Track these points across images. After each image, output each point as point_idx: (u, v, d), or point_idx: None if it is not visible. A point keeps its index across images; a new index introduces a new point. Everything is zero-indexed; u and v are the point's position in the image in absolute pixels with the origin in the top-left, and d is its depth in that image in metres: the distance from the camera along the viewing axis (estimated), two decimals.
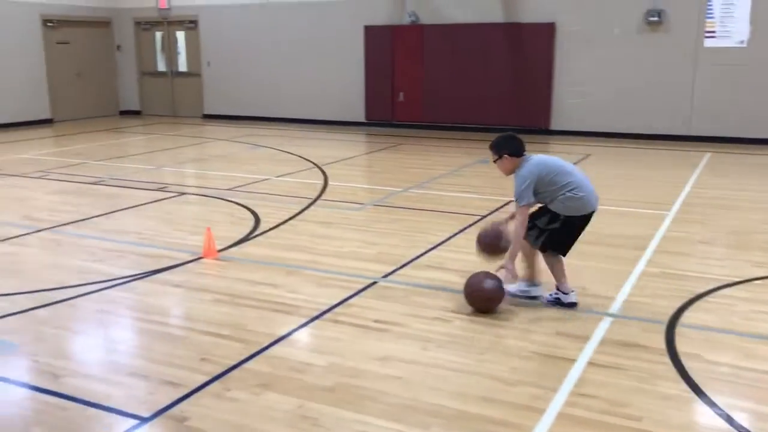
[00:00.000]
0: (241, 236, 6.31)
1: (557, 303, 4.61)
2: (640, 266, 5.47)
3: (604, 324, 4.34)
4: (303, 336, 4.23)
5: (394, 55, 14.45)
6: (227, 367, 3.75)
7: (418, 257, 5.70)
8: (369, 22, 14.51)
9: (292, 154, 11.24)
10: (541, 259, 4.72)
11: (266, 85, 15.82)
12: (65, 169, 9.85)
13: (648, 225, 6.69)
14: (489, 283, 4.45)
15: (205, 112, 16.68)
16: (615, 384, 3.57)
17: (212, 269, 5.44)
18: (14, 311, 4.57)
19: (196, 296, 4.85)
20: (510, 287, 4.60)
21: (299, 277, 5.24)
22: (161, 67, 17.31)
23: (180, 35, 16.88)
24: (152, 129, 15.08)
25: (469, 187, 8.62)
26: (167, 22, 16.83)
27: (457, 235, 6.37)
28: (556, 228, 4.46)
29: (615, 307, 4.64)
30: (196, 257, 5.69)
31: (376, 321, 4.38)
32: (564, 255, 4.63)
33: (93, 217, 7.07)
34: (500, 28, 13.47)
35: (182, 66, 17.06)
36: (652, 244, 6.06)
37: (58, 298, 4.81)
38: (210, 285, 5.07)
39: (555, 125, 13.46)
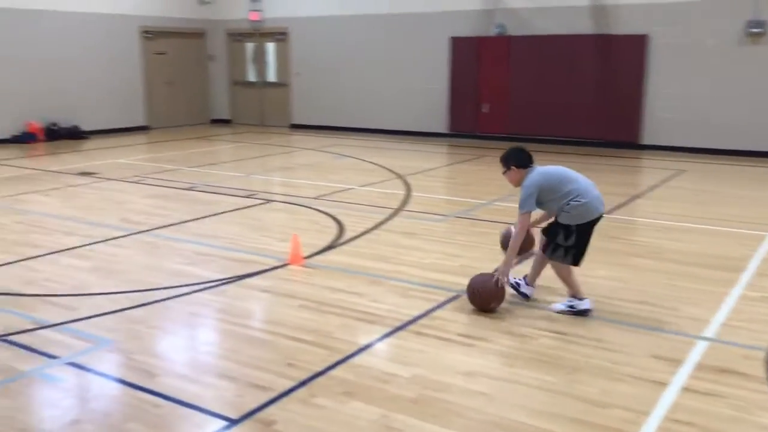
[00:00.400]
0: (325, 244, 6.40)
1: (572, 311, 4.66)
2: (738, 289, 5.22)
3: (700, 348, 4.16)
4: (387, 346, 4.25)
5: (479, 66, 14.39)
6: (312, 373, 3.80)
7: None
8: (455, 33, 14.51)
9: (375, 164, 11.34)
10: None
11: (352, 95, 16.05)
12: (160, 175, 10.28)
13: (746, 245, 6.38)
14: (489, 284, 4.66)
15: (293, 122, 17.07)
16: (711, 412, 3.41)
17: (298, 276, 5.54)
18: (113, 310, 4.79)
19: (282, 301, 4.95)
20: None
21: (382, 286, 5.27)
22: (251, 77, 17.84)
23: (270, 46, 17.36)
24: (241, 137, 15.54)
25: None
26: (258, 34, 17.34)
27: None
28: (576, 241, 4.60)
29: (711, 330, 4.44)
30: (282, 263, 5.81)
31: (460, 335, 4.35)
32: (578, 266, 4.71)
33: (186, 222, 7.34)
34: (589, 39, 13.20)
35: (272, 76, 17.54)
36: (751, 266, 5.78)
37: (153, 299, 5.01)
38: (296, 291, 5.16)
39: (646, 140, 13.05)
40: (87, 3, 14.91)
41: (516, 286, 4.94)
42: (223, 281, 5.39)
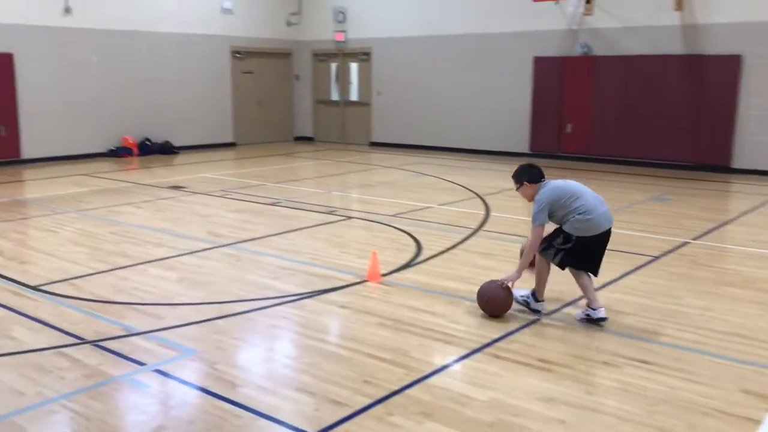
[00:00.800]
0: (403, 262, 6.43)
1: (588, 320, 4.85)
2: None
3: None
4: (463, 368, 4.22)
5: (563, 86, 14.19)
6: (389, 392, 3.81)
7: (583, 296, 5.49)
8: (539, 53, 14.38)
9: (454, 183, 11.32)
10: (551, 279, 5.07)
11: (432, 114, 16.11)
12: (245, 190, 10.59)
13: None
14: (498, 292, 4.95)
15: (373, 140, 17.27)
16: None
17: (376, 293, 5.59)
18: (198, 320, 4.96)
19: (360, 318, 5.00)
20: (517, 292, 5.06)
21: (460, 307, 5.24)
22: (334, 96, 18.20)
23: (353, 66, 17.67)
24: (323, 155, 15.84)
25: (640, 225, 8.21)
26: (342, 54, 17.69)
27: (627, 276, 6.08)
28: (570, 248, 4.86)
29: None
30: (361, 280, 5.87)
31: (539, 359, 4.27)
32: (594, 274, 4.97)
33: (269, 236, 7.53)
34: (678, 60, 12.81)
35: (353, 95, 17.83)
36: None
37: (236, 311, 5.16)
38: (374, 308, 5.20)
39: (737, 163, 12.51)
40: (182, 24, 15.60)
41: (526, 304, 5.09)
42: (303, 296, 5.49)
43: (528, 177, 5.06)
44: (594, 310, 4.83)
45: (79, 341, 4.51)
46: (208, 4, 16.12)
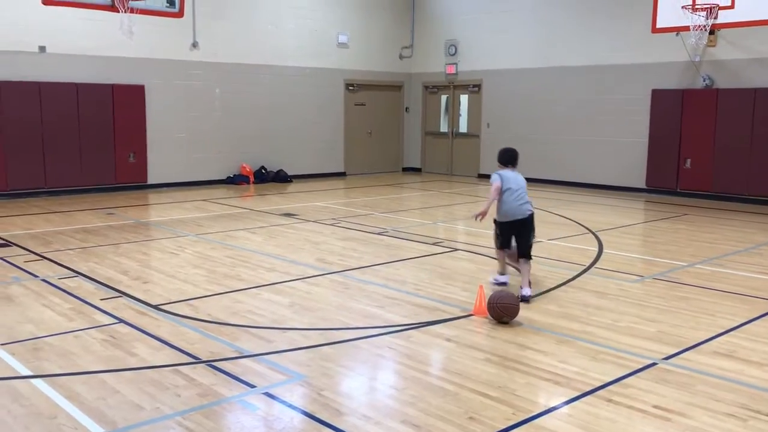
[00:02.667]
0: None
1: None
2: None
3: None
4: (573, 410, 4.05)
5: (682, 119, 13.61)
6: (495, 431, 3.72)
7: (705, 341, 5.19)
8: (658, 85, 13.89)
9: (565, 217, 11.05)
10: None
11: (543, 147, 15.86)
12: (354, 219, 10.78)
13: None
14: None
15: (481, 172, 17.18)
16: None
17: (482, 328, 5.50)
18: (306, 345, 5.05)
19: (466, 353, 4.93)
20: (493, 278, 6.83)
21: (570, 347, 5.06)
22: (443, 127, 18.29)
23: (463, 98, 17.73)
24: (430, 186, 15.90)
25: (765, 267, 7.68)
26: (453, 86, 17.79)
27: (753, 322, 5.69)
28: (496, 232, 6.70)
29: None
30: (467, 314, 5.80)
31: (655, 407, 4.04)
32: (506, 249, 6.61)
33: (376, 265, 7.61)
34: None
35: (463, 127, 17.85)
36: None
37: (343, 338, 5.22)
38: (480, 343, 5.12)
39: None
40: (299, 58, 16.23)
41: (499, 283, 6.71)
42: (409, 326, 5.49)
43: (499, 158, 7.14)
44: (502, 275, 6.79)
45: (195, 360, 4.70)
46: (325, 39, 16.70)
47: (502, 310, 5.52)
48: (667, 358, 4.83)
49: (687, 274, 7.34)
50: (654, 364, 4.72)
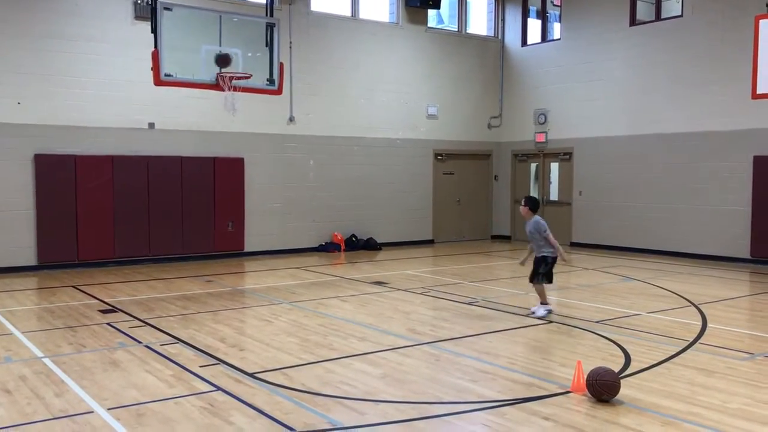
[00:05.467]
0: None
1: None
2: None
3: None
4: None
5: None
6: None
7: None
8: (760, 152, 13.36)
9: (665, 289, 10.61)
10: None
11: (639, 215, 15.43)
12: (443, 287, 10.73)
13: None
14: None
15: (573, 240, 16.83)
16: None
17: (581, 406, 5.29)
18: (399, 419, 5.01)
19: None
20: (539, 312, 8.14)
21: (676, 429, 4.79)
22: (534, 195, 18.12)
23: (554, 166, 17.59)
24: (520, 254, 15.60)
25: None
26: (543, 154, 17.71)
27: None
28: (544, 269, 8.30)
29: None
30: (564, 390, 5.61)
31: None
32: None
33: (467, 336, 7.51)
34: None
35: (554, 195, 17.65)
36: None
37: (436, 413, 5.15)
38: (579, 423, 4.92)
39: None
40: (390, 130, 16.65)
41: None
42: (504, 403, 5.35)
43: (531, 205, 8.86)
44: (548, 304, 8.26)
45: (289, 431, 4.73)
46: (415, 111, 17.09)
47: (602, 388, 5.31)
48: None
49: None
50: None
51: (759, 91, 12.44)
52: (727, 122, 13.88)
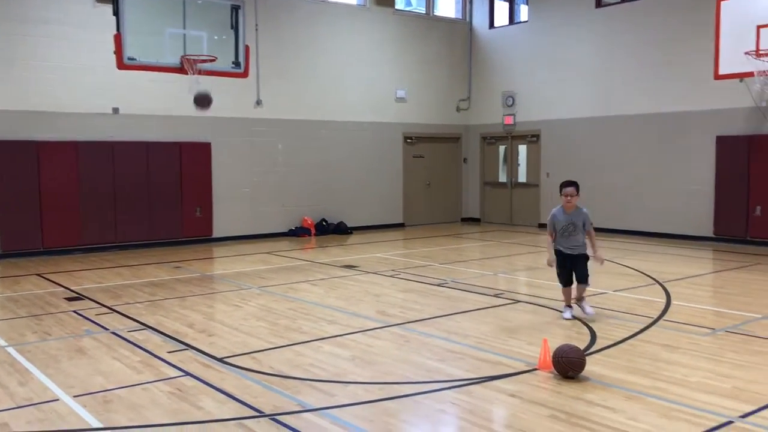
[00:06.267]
0: None
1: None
2: None
3: None
4: None
5: (750, 166, 13.24)
6: None
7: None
8: (722, 132, 13.60)
9: (630, 268, 10.79)
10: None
11: (605, 196, 15.63)
12: (413, 270, 10.78)
13: None
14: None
15: (542, 222, 16.99)
16: None
17: (547, 383, 5.37)
18: (367, 400, 5.03)
19: (531, 409, 4.82)
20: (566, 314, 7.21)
21: (640, 403, 4.89)
22: (502, 177, 18.26)
23: (522, 148, 17.72)
24: (489, 236, 15.80)
25: None
26: (511, 137, 17.82)
27: None
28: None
29: None
30: (531, 368, 5.69)
31: None
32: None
33: (436, 317, 7.57)
34: None
35: (522, 177, 17.79)
36: None
37: (405, 393, 5.18)
38: (545, 399, 5.00)
39: None
40: (359, 113, 16.60)
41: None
42: (471, 381, 5.41)
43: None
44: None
45: (259, 414, 4.73)
46: (383, 95, 17.04)
47: (568, 365, 5.40)
48: (744, 416, 4.61)
49: (762, 327, 7.04)
50: (730, 422, 4.51)
51: (721, 72, 12.66)
52: (691, 103, 14.09)
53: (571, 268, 7.41)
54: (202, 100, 9.24)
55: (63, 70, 12.69)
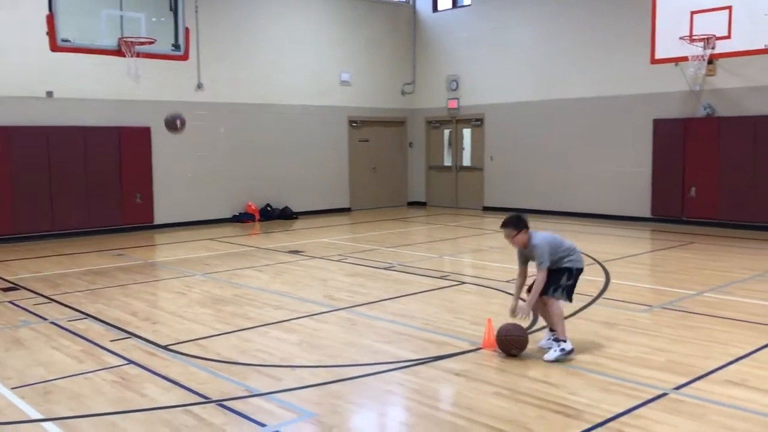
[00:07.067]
0: None
1: (563, 354, 5.42)
2: None
3: None
4: None
5: (685, 148, 13.69)
6: None
7: (715, 370, 5.17)
8: (659, 115, 14.01)
9: None
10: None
11: (547, 178, 15.94)
12: (360, 254, 10.80)
13: None
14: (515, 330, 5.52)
15: (486, 205, 17.25)
16: None
17: (492, 361, 5.48)
18: (315, 383, 5.04)
19: (476, 387, 4.91)
20: (548, 357, 5.45)
21: (580, 378, 5.04)
22: (447, 161, 18.41)
23: (466, 132, 17.88)
24: (435, 219, 15.94)
25: None
26: (456, 120, 17.97)
27: (764, 349, 5.66)
28: (573, 283, 5.66)
29: None
30: (476, 347, 5.79)
31: None
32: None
33: (383, 300, 7.61)
34: None
35: (466, 160, 17.97)
36: None
37: (352, 375, 5.21)
38: (490, 377, 5.10)
39: None
40: (303, 97, 16.45)
41: (563, 351, 5.42)
42: (418, 362, 5.48)
43: (526, 225, 5.77)
44: (566, 342, 5.47)
45: (205, 400, 4.69)
46: (328, 78, 16.93)
47: (512, 343, 5.51)
48: (678, 388, 4.80)
49: (696, 303, 7.32)
50: (665, 394, 4.70)
51: (657, 56, 13.01)
52: (629, 87, 14.45)
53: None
54: (172, 123, 8.78)
55: None
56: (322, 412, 4.48)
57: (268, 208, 15.75)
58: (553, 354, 5.43)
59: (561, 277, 5.62)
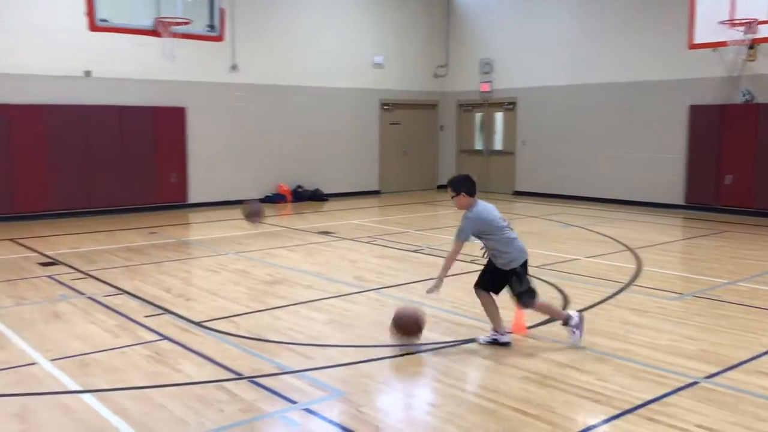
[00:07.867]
0: (549, 316, 6.27)
1: (495, 343, 5.37)
2: None
3: None
4: (613, 429, 4.04)
5: (721, 135, 13.44)
6: None
7: (748, 360, 5.12)
8: (695, 101, 13.75)
9: (603, 235, 10.96)
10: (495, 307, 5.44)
11: (579, 163, 15.78)
12: (389, 236, 10.85)
13: None
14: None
15: (517, 189, 17.15)
16: None
17: (520, 345, 5.50)
18: (344, 362, 5.12)
19: (505, 371, 4.94)
20: (480, 338, 5.46)
21: (610, 365, 5.04)
22: (478, 145, 18.32)
23: (498, 116, 17.75)
24: None
25: None
26: (488, 104, 17.84)
27: None
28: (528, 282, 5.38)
29: None
30: (506, 332, 5.80)
31: (698, 426, 4.01)
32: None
33: (412, 283, 7.66)
34: None
35: (498, 144, 17.86)
36: None
37: (381, 355, 5.28)
38: (519, 362, 5.12)
39: None
40: (336, 79, 16.47)
41: (495, 341, 5.38)
42: (447, 344, 5.52)
43: (467, 189, 5.39)
44: (502, 335, 5.39)
45: (237, 377, 4.80)
46: (361, 60, 16.92)
47: (404, 331, 5.35)
48: (709, 377, 4.78)
49: (728, 292, 7.24)
50: (696, 383, 4.68)
51: (695, 41, 12.76)
52: (665, 72, 14.20)
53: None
54: (253, 215, 8.88)
55: (33, 32, 12.38)
56: (352, 391, 4.55)
57: (299, 190, 15.86)
58: (484, 339, 5.45)
59: (513, 285, 5.31)
